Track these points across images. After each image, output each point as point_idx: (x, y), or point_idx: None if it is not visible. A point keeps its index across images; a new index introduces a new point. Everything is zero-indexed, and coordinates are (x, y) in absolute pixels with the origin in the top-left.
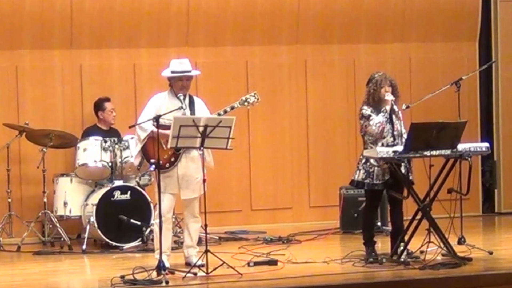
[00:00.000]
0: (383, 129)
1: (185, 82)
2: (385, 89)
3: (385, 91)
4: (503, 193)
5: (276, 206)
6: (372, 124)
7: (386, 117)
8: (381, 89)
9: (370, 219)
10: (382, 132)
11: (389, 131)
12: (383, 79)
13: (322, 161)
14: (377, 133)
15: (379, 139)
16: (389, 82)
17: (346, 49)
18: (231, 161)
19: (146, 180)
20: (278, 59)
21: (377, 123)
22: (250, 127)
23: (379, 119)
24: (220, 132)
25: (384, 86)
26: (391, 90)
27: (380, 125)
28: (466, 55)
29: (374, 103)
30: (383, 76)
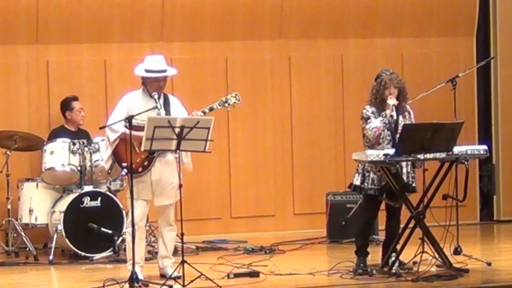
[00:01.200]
0: (379, 135)
1: (162, 82)
2: (390, 91)
3: (389, 93)
4: (502, 200)
5: (258, 214)
6: (368, 128)
7: (385, 123)
8: (385, 90)
9: (365, 227)
10: (378, 138)
11: (386, 138)
12: (388, 81)
13: (308, 165)
14: (372, 138)
15: (375, 145)
16: (395, 84)
17: (334, 44)
18: (209, 165)
19: (117, 185)
20: (260, 55)
21: (373, 128)
22: (230, 128)
23: (376, 124)
24: (198, 133)
25: (389, 87)
26: (396, 93)
27: (376, 131)
28: (462, 51)
29: (376, 104)
30: (390, 76)
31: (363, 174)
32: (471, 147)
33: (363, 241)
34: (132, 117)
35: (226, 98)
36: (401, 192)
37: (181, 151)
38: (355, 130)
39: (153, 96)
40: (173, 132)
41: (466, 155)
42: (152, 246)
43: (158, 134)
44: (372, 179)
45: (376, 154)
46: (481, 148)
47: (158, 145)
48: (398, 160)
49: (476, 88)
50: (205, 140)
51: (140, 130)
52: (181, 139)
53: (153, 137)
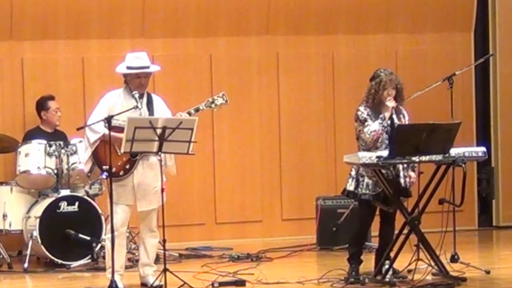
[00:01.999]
0: (377, 139)
1: (143, 80)
2: (388, 92)
3: (387, 95)
4: (502, 204)
5: (244, 219)
6: (366, 132)
7: (384, 126)
8: (383, 92)
9: (359, 234)
10: (376, 141)
11: (384, 142)
12: (388, 81)
13: (297, 168)
14: (370, 141)
15: (372, 149)
16: (394, 85)
17: (324, 41)
18: (193, 168)
19: (96, 189)
20: (246, 52)
21: (372, 132)
22: (215, 129)
23: (374, 127)
24: (181, 135)
25: (388, 88)
26: (394, 93)
27: (374, 134)
28: (460, 48)
29: (373, 105)
30: (389, 77)
31: (357, 179)
32: (468, 149)
33: (357, 249)
34: (112, 117)
35: (213, 99)
36: (395, 197)
37: (163, 153)
38: (346, 131)
39: (134, 95)
40: (155, 133)
41: (463, 158)
42: (132, 253)
43: (139, 135)
44: (367, 184)
45: (368, 157)
46: (479, 150)
47: (139, 147)
48: (392, 162)
49: (474, 87)
50: (189, 141)
51: (121, 131)
52: (163, 141)
53: (134, 139)
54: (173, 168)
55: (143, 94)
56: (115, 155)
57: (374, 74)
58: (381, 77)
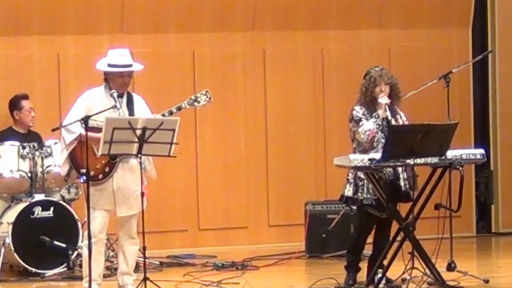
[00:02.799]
0: (372, 138)
1: (127, 79)
2: (380, 88)
3: (380, 91)
4: (501, 210)
5: (229, 225)
6: (361, 131)
7: (378, 124)
8: (375, 88)
9: (358, 242)
10: (371, 141)
11: (380, 141)
12: (377, 76)
13: (284, 171)
14: (365, 142)
15: (369, 149)
16: (386, 80)
17: (313, 37)
18: (174, 171)
19: (72, 193)
20: (231, 49)
21: (366, 131)
22: (198, 130)
23: (369, 126)
24: (162, 136)
25: (379, 84)
26: (388, 90)
27: (369, 133)
28: (457, 44)
29: (367, 104)
30: (379, 72)
31: (355, 184)
32: (466, 151)
33: (355, 257)
34: (89, 118)
35: (195, 96)
36: (388, 201)
37: (143, 155)
38: (337, 133)
39: (112, 95)
40: (134, 135)
41: (460, 160)
42: (111, 261)
43: (118, 137)
44: (368, 188)
45: (360, 159)
46: (478, 152)
47: (118, 148)
48: (385, 165)
49: (472, 86)
50: (170, 143)
51: (99, 132)
52: (143, 142)
53: (112, 140)
54: (153, 172)
55: (123, 93)
56: (93, 157)
57: (366, 72)
58: (371, 73)
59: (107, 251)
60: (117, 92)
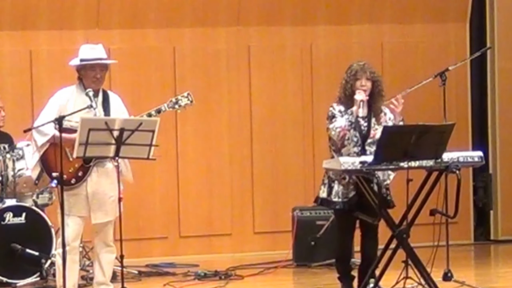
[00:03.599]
0: (343, 136)
1: (99, 73)
2: (361, 82)
3: (360, 86)
4: (501, 216)
5: (212, 232)
6: (332, 128)
7: (351, 121)
8: (355, 82)
9: (342, 249)
10: (342, 139)
11: (352, 139)
12: (359, 69)
13: (271, 175)
14: (337, 139)
15: (341, 148)
16: (368, 75)
17: (301, 32)
18: (154, 174)
19: (45, 199)
20: (214, 45)
21: (337, 127)
22: (179, 131)
23: (340, 123)
24: (140, 137)
25: (360, 79)
26: (369, 86)
27: (340, 131)
28: (453, 40)
29: (346, 99)
30: (361, 65)
31: (329, 185)
32: (463, 154)
33: (343, 266)
34: (63, 118)
35: (176, 99)
36: (380, 207)
37: (121, 158)
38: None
39: (88, 94)
40: (111, 136)
41: (457, 163)
42: (86, 270)
43: (94, 138)
44: (337, 192)
45: (351, 162)
46: (476, 155)
47: (94, 151)
48: (378, 169)
49: (469, 84)
50: (149, 145)
51: (73, 133)
52: (120, 144)
53: (88, 142)
54: (129, 175)
55: (98, 91)
56: (66, 160)
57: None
58: (353, 67)
59: (82, 260)
60: (92, 91)
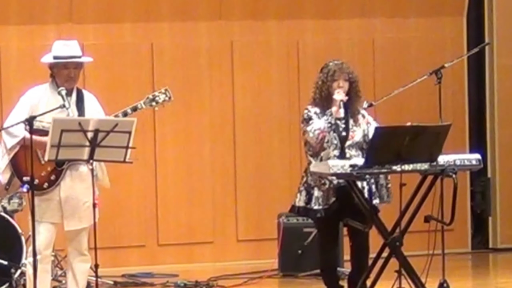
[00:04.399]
0: (323, 139)
1: (73, 71)
2: (339, 83)
3: (337, 86)
4: (500, 223)
5: (192, 240)
6: (310, 130)
7: (330, 123)
8: (332, 83)
9: (328, 258)
10: (321, 142)
11: (332, 142)
12: (337, 70)
13: (255, 179)
14: (315, 142)
15: (319, 151)
16: (346, 76)
17: (287, 27)
18: (131, 179)
19: (15, 204)
20: (194, 41)
21: (316, 129)
22: (157, 132)
23: (319, 125)
24: (116, 139)
25: (338, 79)
26: (346, 88)
27: (319, 133)
28: (449, 35)
29: (321, 101)
30: (339, 65)
31: (307, 192)
32: (460, 157)
33: (329, 277)
34: (34, 118)
35: (153, 95)
36: (372, 213)
37: (95, 161)
38: None
39: (60, 92)
40: (85, 138)
41: (454, 167)
42: (58, 281)
43: (67, 140)
44: (317, 198)
45: (340, 165)
46: (473, 158)
47: (67, 153)
48: (369, 172)
49: (467, 82)
50: (125, 147)
51: (45, 135)
52: (95, 146)
53: (60, 144)
54: (106, 180)
55: (72, 90)
56: (37, 163)
57: (322, 66)
58: (330, 66)
59: (54, 270)
60: (65, 90)
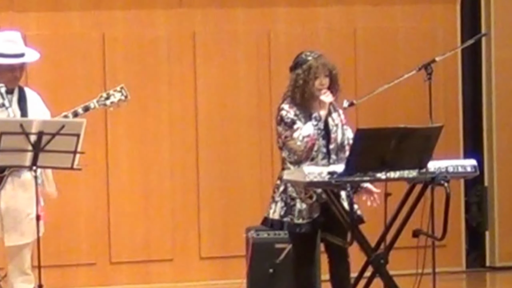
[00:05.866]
0: (312, 146)
1: (19, 72)
2: (321, 81)
3: (320, 85)
4: (498, 238)
5: (149, 257)
6: (297, 138)
7: (320, 128)
8: (315, 81)
9: (304, 277)
10: (310, 150)
11: (321, 150)
12: (320, 66)
13: (220, 189)
14: (303, 151)
15: (305, 160)
16: (327, 71)
17: (257, 15)
18: (79, 188)
19: None
20: (151, 31)
21: (305, 137)
22: (109, 134)
23: (308, 131)
24: (63, 143)
25: (319, 76)
26: (327, 84)
27: (308, 141)
28: (441, 25)
29: (301, 101)
30: (320, 60)
31: (285, 203)
32: (453, 163)
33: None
34: None
35: (108, 94)
36: (353, 227)
37: (39, 167)
38: None
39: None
40: (28, 141)
41: (446, 174)
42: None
43: (7, 144)
44: (299, 211)
45: (317, 173)
46: (468, 164)
47: (6, 159)
48: (350, 181)
49: (461, 78)
50: (73, 152)
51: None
52: (39, 151)
53: None
54: (52, 189)
55: (13, 88)
56: None
57: (297, 59)
58: (310, 62)
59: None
60: (5, 87)
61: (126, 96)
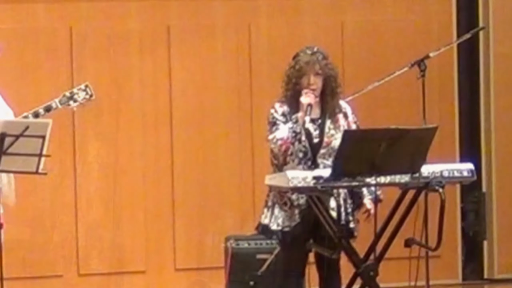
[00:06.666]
0: (286, 150)
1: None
2: (309, 79)
3: (307, 84)
4: (497, 248)
5: (120, 269)
6: (271, 140)
7: (295, 132)
8: (301, 79)
9: None
10: (285, 153)
11: (297, 155)
12: (305, 64)
13: (197, 195)
14: (277, 154)
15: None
16: (316, 69)
17: (237, 8)
18: (44, 193)
19: None
20: (123, 24)
21: (278, 139)
22: (77, 136)
23: (281, 134)
24: (27, 145)
25: (309, 74)
26: (319, 84)
27: (281, 143)
28: (435, 18)
29: (292, 101)
30: (310, 57)
31: (272, 209)
32: (449, 167)
33: None
34: None
35: (71, 93)
36: (340, 237)
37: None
38: None
39: None
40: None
41: (441, 179)
42: None
43: None
44: (276, 217)
45: (302, 177)
46: (465, 168)
47: None
48: (337, 186)
49: (456, 76)
50: (39, 155)
51: None
52: (1, 154)
53: None
54: (11, 196)
55: None
56: None
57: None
58: (299, 56)
59: None
60: None
61: (91, 95)
